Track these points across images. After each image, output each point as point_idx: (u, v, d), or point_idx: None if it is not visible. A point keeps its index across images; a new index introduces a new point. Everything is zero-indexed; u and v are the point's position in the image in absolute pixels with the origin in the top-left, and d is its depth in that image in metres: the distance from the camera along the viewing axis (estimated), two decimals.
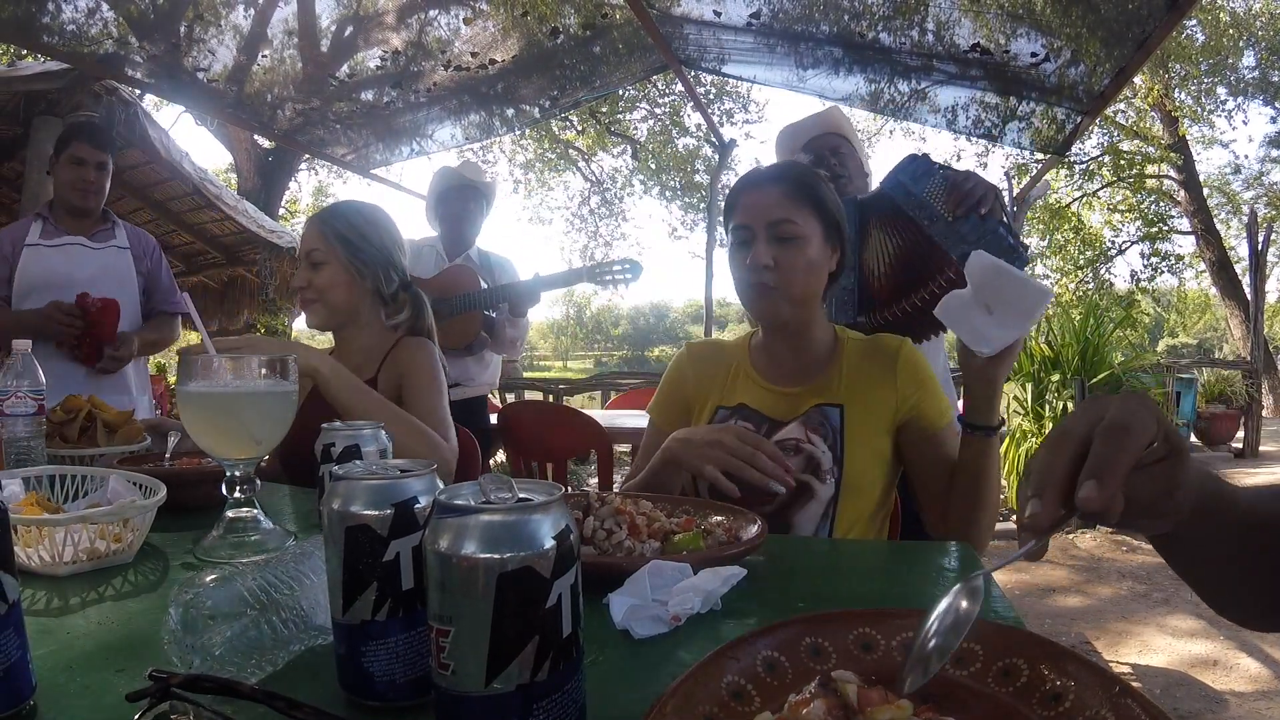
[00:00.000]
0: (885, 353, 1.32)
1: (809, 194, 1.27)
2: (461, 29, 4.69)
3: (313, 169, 15.34)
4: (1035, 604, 3.64)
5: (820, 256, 1.28)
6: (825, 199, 1.29)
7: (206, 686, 0.52)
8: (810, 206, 1.27)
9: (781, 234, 1.25)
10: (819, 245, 1.27)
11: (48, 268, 2.53)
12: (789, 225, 1.25)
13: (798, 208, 1.26)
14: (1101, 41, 3.27)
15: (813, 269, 1.27)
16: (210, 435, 0.95)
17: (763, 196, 1.28)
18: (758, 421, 1.30)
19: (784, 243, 1.25)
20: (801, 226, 1.25)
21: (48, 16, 3.43)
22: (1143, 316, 15.02)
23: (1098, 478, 0.50)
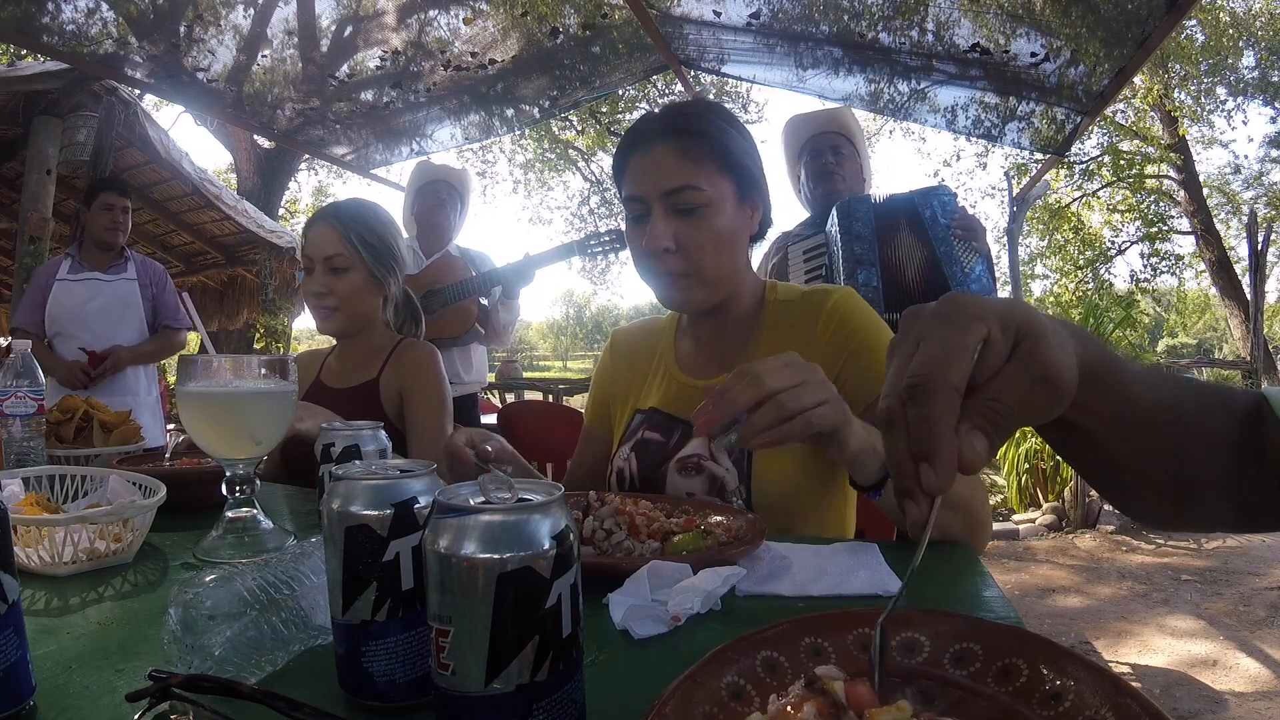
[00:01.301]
0: (811, 311, 1.08)
1: (710, 146, 1.03)
2: (461, 29, 4.68)
3: (312, 169, 15.35)
4: (1035, 604, 3.64)
5: (735, 222, 1.06)
6: (732, 148, 1.05)
7: (206, 686, 0.52)
8: (714, 162, 1.03)
9: (681, 204, 1.03)
10: (732, 209, 1.05)
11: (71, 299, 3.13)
12: (690, 193, 1.02)
13: (698, 168, 1.02)
14: (1101, 41, 3.27)
15: (725, 242, 1.05)
16: (210, 435, 0.95)
17: (654, 159, 1.04)
18: (667, 430, 1.15)
19: (685, 215, 1.03)
20: (706, 192, 1.03)
21: (47, 16, 3.43)
22: (1142, 317, 15.01)
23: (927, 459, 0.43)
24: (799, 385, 0.79)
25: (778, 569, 0.85)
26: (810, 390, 0.79)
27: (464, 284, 2.64)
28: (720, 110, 1.10)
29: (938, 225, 1.81)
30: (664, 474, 1.14)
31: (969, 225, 1.81)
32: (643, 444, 1.18)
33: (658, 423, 1.17)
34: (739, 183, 1.06)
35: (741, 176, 1.06)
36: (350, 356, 1.67)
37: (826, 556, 0.89)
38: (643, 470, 1.16)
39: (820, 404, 0.79)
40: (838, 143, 2.16)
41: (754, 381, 0.77)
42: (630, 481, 1.18)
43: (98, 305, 3.12)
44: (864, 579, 0.81)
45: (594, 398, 1.33)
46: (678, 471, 1.12)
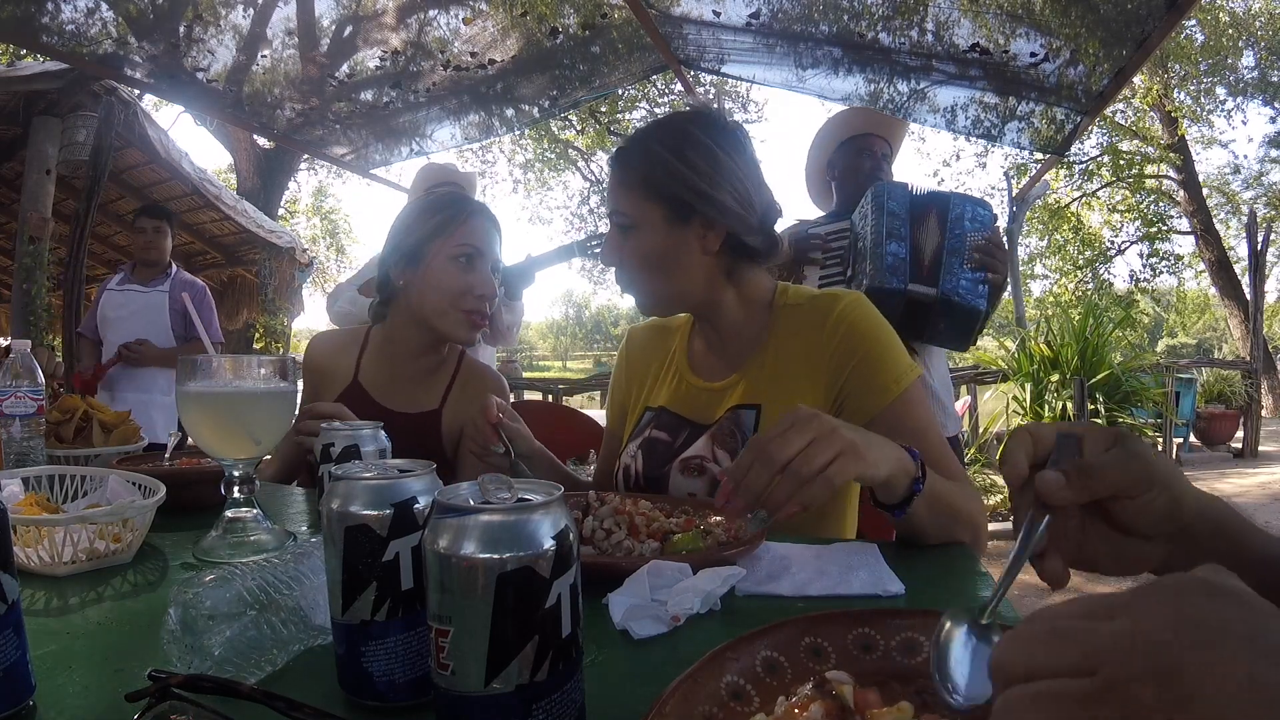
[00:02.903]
0: (819, 316, 1.10)
1: (638, 178, 1.12)
2: (461, 29, 4.68)
3: (312, 169, 15.35)
4: (1035, 604, 3.64)
5: (663, 242, 1.11)
6: (658, 177, 1.10)
7: (206, 686, 0.52)
8: (642, 190, 1.11)
9: (618, 224, 1.14)
10: (660, 232, 1.11)
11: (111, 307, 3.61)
12: (619, 215, 1.13)
13: (629, 195, 1.12)
14: (1101, 42, 3.27)
15: (653, 261, 1.11)
16: (210, 435, 0.95)
17: (610, 181, 1.17)
18: (674, 429, 1.17)
19: (623, 232, 1.13)
20: (633, 214, 1.12)
21: (47, 16, 3.42)
22: (1142, 317, 15.04)
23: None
24: (810, 446, 0.77)
25: (777, 569, 0.85)
26: (822, 448, 0.77)
27: None
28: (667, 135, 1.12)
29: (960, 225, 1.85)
30: (667, 474, 1.14)
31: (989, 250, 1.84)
32: (650, 442, 1.19)
33: (666, 422, 1.19)
34: (669, 207, 1.10)
35: (673, 204, 1.10)
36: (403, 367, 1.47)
37: (826, 556, 0.89)
38: (648, 469, 1.17)
39: (835, 458, 0.77)
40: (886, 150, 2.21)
41: (765, 460, 0.77)
42: (635, 480, 1.18)
43: (129, 312, 3.57)
44: (864, 579, 0.81)
45: (612, 399, 1.36)
46: (680, 472, 1.13)
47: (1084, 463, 0.55)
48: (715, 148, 1.11)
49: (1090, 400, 4.94)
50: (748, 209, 1.12)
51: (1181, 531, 0.57)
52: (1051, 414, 5.12)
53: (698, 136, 1.11)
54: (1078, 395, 4.85)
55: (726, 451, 1.10)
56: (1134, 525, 0.56)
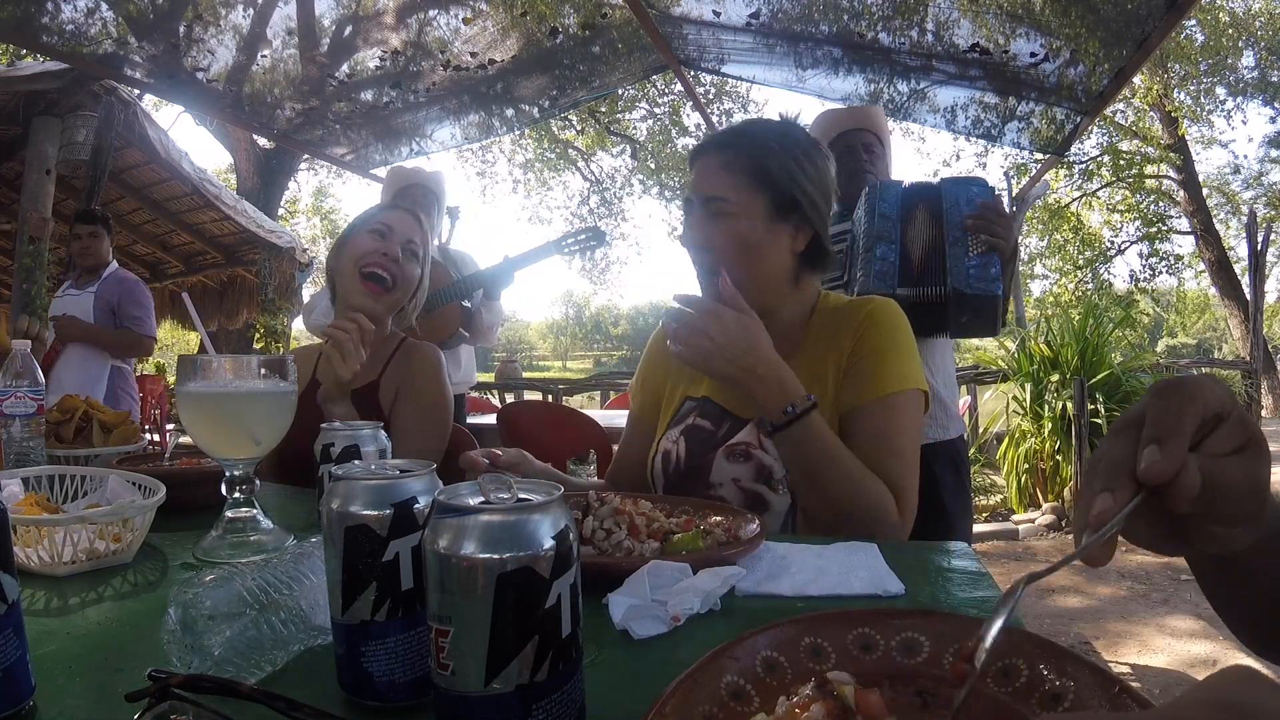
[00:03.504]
0: (852, 318, 1.17)
1: (750, 166, 1.14)
2: (461, 29, 4.68)
3: (312, 169, 15.35)
4: (1035, 604, 3.64)
5: (759, 235, 1.14)
6: (773, 171, 1.14)
7: (206, 686, 0.52)
8: (750, 179, 1.14)
9: (714, 210, 1.15)
10: (761, 224, 1.14)
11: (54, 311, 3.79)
12: (719, 202, 1.14)
13: (734, 180, 1.14)
14: (1101, 42, 3.27)
15: (747, 249, 1.14)
16: (210, 435, 0.95)
17: (705, 168, 1.17)
18: (717, 418, 1.21)
19: (716, 219, 1.15)
20: (733, 203, 1.14)
21: (47, 16, 3.42)
22: (1142, 317, 15.02)
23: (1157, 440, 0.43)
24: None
25: (777, 569, 0.85)
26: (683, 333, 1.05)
27: (446, 289, 2.65)
28: (784, 135, 1.18)
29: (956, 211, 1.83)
30: (711, 460, 1.18)
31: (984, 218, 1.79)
32: (693, 429, 1.22)
33: (709, 411, 1.22)
34: (774, 202, 1.14)
35: (777, 198, 1.14)
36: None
37: (826, 556, 0.89)
38: (690, 455, 1.20)
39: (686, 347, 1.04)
40: (870, 141, 2.16)
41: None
42: (676, 464, 1.22)
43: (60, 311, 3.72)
44: (864, 579, 0.81)
45: (643, 383, 1.37)
46: (725, 457, 1.16)
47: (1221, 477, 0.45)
48: (814, 151, 1.19)
49: (1090, 400, 4.94)
50: (828, 217, 1.19)
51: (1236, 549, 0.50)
52: (1051, 414, 5.11)
53: (800, 138, 1.19)
54: (1078, 395, 4.84)
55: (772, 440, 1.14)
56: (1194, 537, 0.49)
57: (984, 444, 5.97)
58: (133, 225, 7.50)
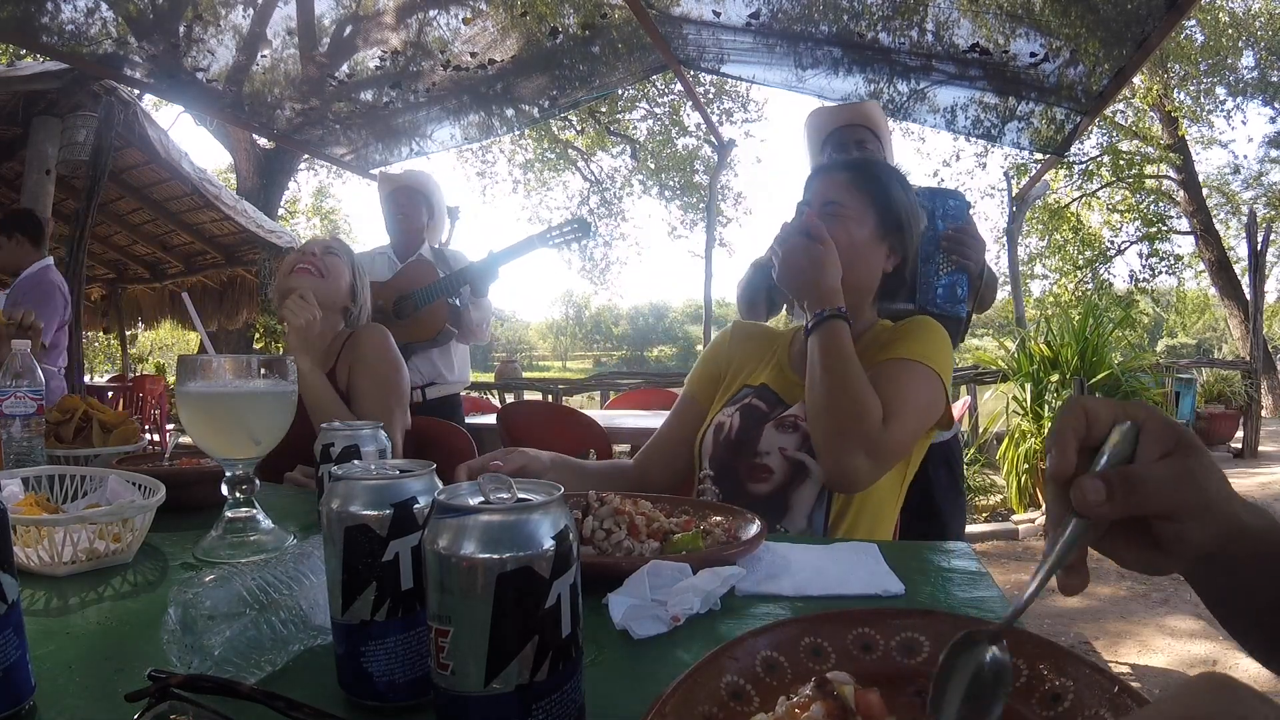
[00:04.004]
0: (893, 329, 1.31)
1: (871, 185, 1.29)
2: (461, 29, 4.69)
3: (312, 169, 15.35)
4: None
5: (867, 243, 1.28)
6: (891, 194, 1.30)
7: (206, 686, 0.52)
8: (868, 195, 1.29)
9: (830, 212, 1.27)
10: (869, 232, 1.28)
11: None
12: (837, 205, 1.28)
13: (854, 193, 1.29)
14: (1101, 41, 3.27)
15: (854, 249, 1.26)
16: (210, 435, 0.95)
17: (828, 179, 1.32)
18: (771, 401, 1.32)
19: (830, 219, 1.26)
20: (850, 209, 1.28)
21: (47, 16, 3.42)
22: (1142, 317, 15.02)
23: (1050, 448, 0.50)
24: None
25: (777, 569, 0.85)
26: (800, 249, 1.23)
27: (432, 287, 2.65)
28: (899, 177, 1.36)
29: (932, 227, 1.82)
30: (761, 431, 1.27)
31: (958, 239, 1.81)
32: (749, 407, 1.33)
33: (765, 396, 1.33)
34: (883, 221, 1.29)
35: (888, 217, 1.29)
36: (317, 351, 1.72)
37: (826, 556, 0.89)
38: (743, 427, 1.30)
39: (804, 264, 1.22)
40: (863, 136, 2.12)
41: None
42: (728, 434, 1.31)
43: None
44: (863, 579, 0.81)
45: (704, 369, 1.48)
46: (775, 427, 1.26)
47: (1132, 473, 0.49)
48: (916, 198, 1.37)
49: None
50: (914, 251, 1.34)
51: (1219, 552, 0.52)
52: (1051, 414, 5.11)
53: (906, 181, 1.37)
54: (1078, 395, 4.85)
55: None
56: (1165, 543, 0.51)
57: (984, 444, 5.97)
58: (133, 225, 7.50)
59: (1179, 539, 0.50)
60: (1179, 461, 0.50)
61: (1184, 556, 0.52)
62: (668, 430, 1.46)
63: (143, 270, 8.55)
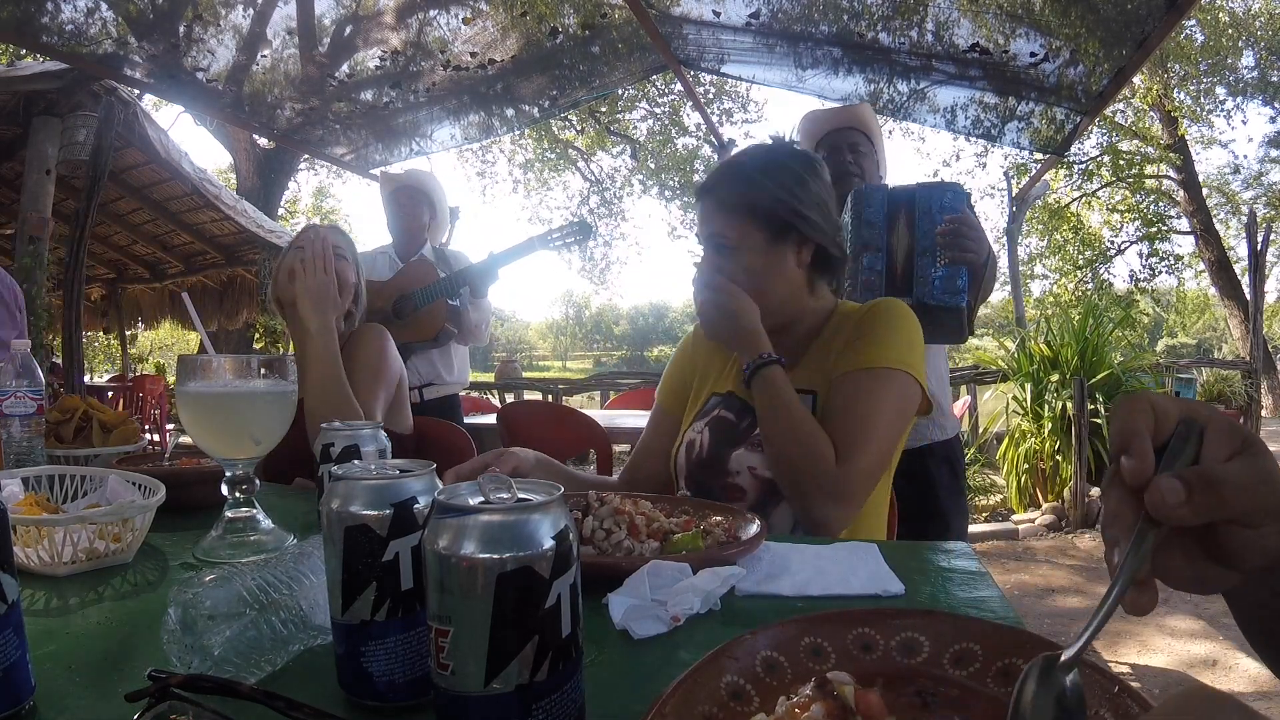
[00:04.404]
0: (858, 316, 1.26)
1: (741, 202, 1.24)
2: (461, 29, 4.69)
3: (312, 169, 15.35)
4: (1035, 604, 3.64)
5: (764, 261, 1.24)
6: (762, 203, 1.23)
7: (206, 686, 0.52)
8: (742, 214, 1.23)
9: (716, 245, 1.25)
10: (761, 251, 1.23)
11: None
12: (718, 239, 1.24)
13: (729, 219, 1.24)
14: (1101, 42, 3.27)
15: (757, 275, 1.23)
16: (210, 435, 0.95)
17: (702, 210, 1.28)
18: (739, 410, 1.28)
19: (722, 253, 1.24)
20: (734, 237, 1.23)
21: (47, 16, 3.42)
22: (1142, 317, 15.02)
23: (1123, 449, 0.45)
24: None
25: (777, 569, 0.85)
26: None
27: (431, 287, 2.65)
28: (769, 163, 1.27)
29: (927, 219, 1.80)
30: (733, 449, 1.24)
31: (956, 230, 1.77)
32: (718, 421, 1.30)
33: (733, 405, 1.29)
34: (770, 227, 1.23)
35: (772, 222, 1.23)
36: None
37: (826, 556, 0.89)
38: (713, 445, 1.27)
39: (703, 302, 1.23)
40: (856, 140, 2.12)
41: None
42: (699, 453, 1.28)
43: None
44: (864, 579, 0.81)
45: (672, 380, 1.45)
46: (746, 447, 1.23)
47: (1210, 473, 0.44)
48: (800, 170, 1.26)
49: (1090, 400, 4.94)
50: (830, 224, 1.27)
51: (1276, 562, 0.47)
52: (1051, 414, 5.11)
53: (784, 161, 1.27)
54: (1078, 395, 4.84)
55: None
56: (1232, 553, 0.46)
57: (984, 444, 5.97)
58: (133, 225, 7.50)
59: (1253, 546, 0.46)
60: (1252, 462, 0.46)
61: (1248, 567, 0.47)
62: (645, 445, 1.44)
63: (143, 270, 8.55)
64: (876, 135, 2.19)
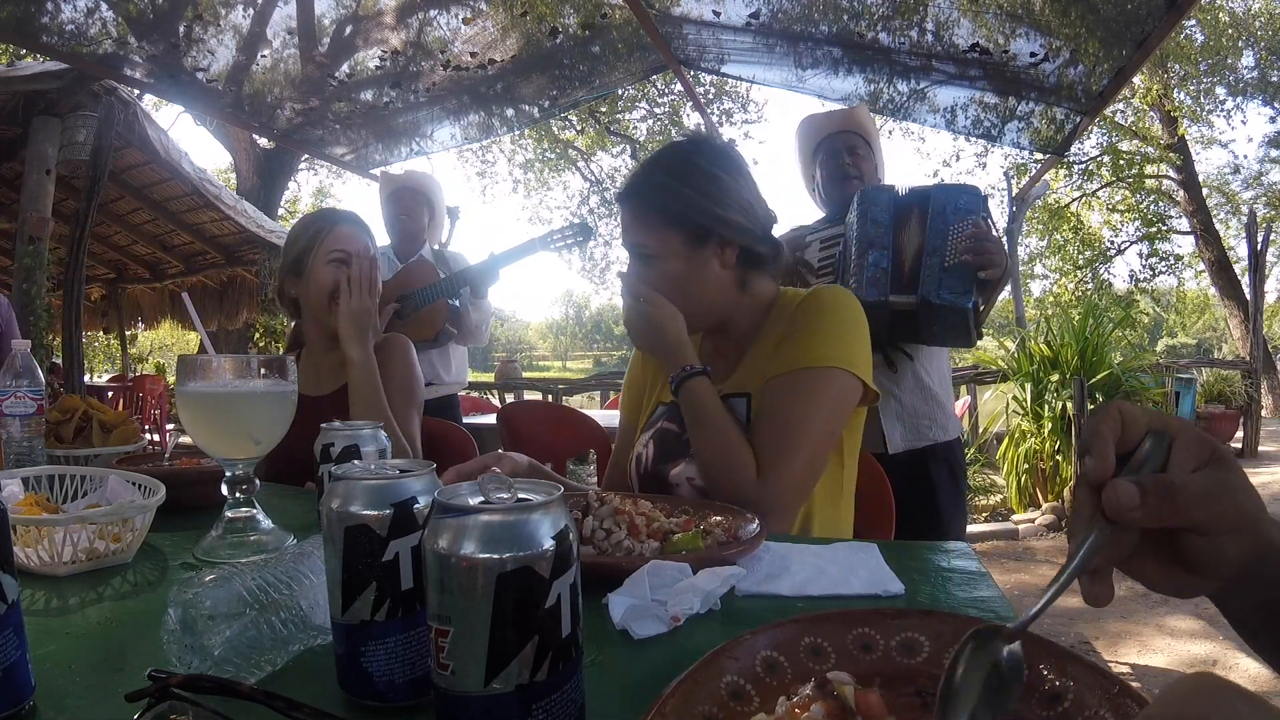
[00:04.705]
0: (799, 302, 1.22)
1: (657, 208, 1.21)
2: (461, 29, 4.69)
3: (312, 169, 15.36)
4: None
5: (688, 268, 1.21)
6: (677, 209, 1.20)
7: (206, 686, 0.52)
8: (659, 223, 1.21)
9: (638, 254, 1.23)
10: (681, 257, 1.21)
11: None
12: (641, 247, 1.22)
13: (646, 225, 1.22)
14: (1101, 41, 3.27)
15: (680, 281, 1.21)
16: (210, 435, 0.95)
17: (623, 216, 1.25)
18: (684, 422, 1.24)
19: (645, 262, 1.22)
20: (654, 245, 1.21)
21: (47, 16, 3.42)
22: (1142, 317, 15.03)
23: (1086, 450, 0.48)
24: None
25: (777, 569, 0.85)
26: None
27: (432, 287, 2.66)
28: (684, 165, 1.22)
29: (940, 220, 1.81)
30: (675, 461, 1.22)
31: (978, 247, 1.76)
32: (661, 433, 1.28)
33: (675, 415, 1.26)
34: (688, 231, 1.20)
35: (687, 226, 1.20)
36: (322, 359, 1.69)
37: (826, 556, 0.89)
38: (657, 457, 1.26)
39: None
40: (854, 143, 2.13)
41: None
42: (645, 465, 1.27)
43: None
44: (864, 579, 0.81)
45: (628, 396, 1.45)
46: (686, 459, 1.21)
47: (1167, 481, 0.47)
48: (718, 171, 1.22)
49: (1090, 400, 4.93)
50: (754, 221, 1.23)
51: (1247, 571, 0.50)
52: (1051, 414, 5.11)
53: (700, 164, 1.22)
54: (1078, 395, 4.84)
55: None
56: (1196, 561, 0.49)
57: (984, 444, 5.97)
58: (133, 225, 7.50)
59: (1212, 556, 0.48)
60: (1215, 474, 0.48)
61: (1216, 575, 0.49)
62: (614, 459, 1.44)
63: (143, 270, 8.55)
64: (874, 137, 2.20)
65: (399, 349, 1.69)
